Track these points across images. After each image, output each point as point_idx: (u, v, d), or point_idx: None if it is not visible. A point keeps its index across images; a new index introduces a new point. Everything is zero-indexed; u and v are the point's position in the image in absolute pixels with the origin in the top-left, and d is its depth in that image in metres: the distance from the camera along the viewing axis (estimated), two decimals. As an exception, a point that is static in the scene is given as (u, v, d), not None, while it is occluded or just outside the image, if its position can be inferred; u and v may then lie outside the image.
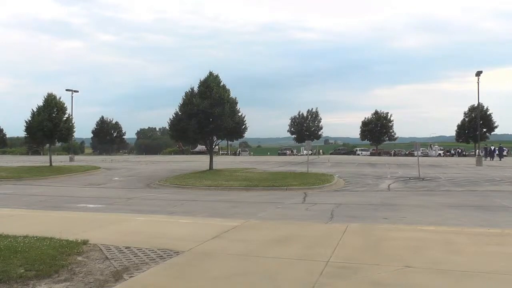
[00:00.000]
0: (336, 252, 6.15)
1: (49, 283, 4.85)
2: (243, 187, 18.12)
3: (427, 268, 5.38)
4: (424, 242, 6.86)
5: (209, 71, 28.36)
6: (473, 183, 19.51)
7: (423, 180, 21.08)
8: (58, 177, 24.99)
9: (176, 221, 9.40)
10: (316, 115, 79.10)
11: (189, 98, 27.54)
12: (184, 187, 18.84)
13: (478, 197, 14.44)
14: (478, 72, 41.95)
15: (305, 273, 5.18)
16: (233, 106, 27.90)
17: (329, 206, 12.36)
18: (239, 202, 13.82)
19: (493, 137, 75.35)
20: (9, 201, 14.19)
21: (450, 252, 6.15)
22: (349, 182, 20.64)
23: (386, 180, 21.45)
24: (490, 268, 5.40)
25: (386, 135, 75.53)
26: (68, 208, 12.20)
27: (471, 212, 11.15)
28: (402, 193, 16.29)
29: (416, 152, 29.16)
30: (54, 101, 31.98)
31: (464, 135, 67.57)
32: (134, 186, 20.00)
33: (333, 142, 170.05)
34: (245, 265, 5.57)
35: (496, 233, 7.73)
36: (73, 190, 18.27)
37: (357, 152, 75.67)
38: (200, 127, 26.58)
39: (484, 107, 63.69)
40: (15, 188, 19.06)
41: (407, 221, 9.71)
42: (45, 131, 30.90)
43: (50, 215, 10.17)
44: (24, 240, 6.70)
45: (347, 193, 16.34)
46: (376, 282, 4.83)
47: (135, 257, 5.94)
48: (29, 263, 5.40)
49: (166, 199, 14.95)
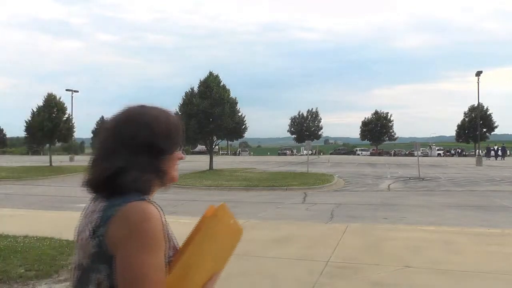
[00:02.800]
0: (336, 252, 6.14)
1: (49, 283, 4.85)
2: (243, 187, 18.12)
3: (427, 268, 5.38)
4: (424, 242, 6.86)
5: (209, 71, 28.41)
6: (473, 183, 19.51)
7: (423, 180, 21.08)
8: (58, 177, 24.98)
9: (176, 221, 9.38)
10: (316, 115, 79.12)
11: (189, 98, 27.55)
12: (184, 187, 18.83)
13: (478, 197, 14.44)
14: (478, 72, 41.97)
15: (305, 273, 5.18)
16: (233, 106, 27.91)
17: (329, 206, 12.36)
18: (239, 202, 13.81)
19: (493, 137, 75.32)
20: (9, 201, 14.18)
21: (450, 252, 6.15)
22: (349, 182, 20.64)
23: (386, 180, 21.45)
24: (490, 268, 5.40)
25: (386, 135, 75.53)
26: (68, 208, 12.19)
27: (471, 212, 11.14)
28: (402, 193, 16.29)
29: (416, 152, 29.15)
30: (54, 101, 31.99)
31: (464, 135, 67.54)
32: (134, 186, 19.97)
33: (333, 142, 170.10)
34: (245, 265, 5.57)
35: (496, 233, 7.73)
36: (73, 190, 18.24)
37: (357, 152, 75.65)
38: (200, 127, 26.58)
39: (484, 107, 63.67)
40: (15, 188, 19.04)
41: (407, 221, 9.71)
42: (45, 131, 30.91)
43: (50, 215, 10.17)
44: (24, 240, 6.69)
45: (347, 193, 16.34)
46: (376, 282, 4.82)
47: (135, 257, 5.94)
48: (29, 263, 5.40)
49: (166, 199, 14.92)
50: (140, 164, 1.16)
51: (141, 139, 1.17)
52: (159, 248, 1.10)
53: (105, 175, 1.14)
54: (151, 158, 1.17)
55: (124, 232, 1.08)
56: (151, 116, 1.21)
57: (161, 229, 1.12)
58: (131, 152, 1.15)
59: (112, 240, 1.09)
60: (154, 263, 1.08)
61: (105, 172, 1.14)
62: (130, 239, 1.07)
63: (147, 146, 1.17)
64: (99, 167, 1.17)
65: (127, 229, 1.08)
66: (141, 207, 1.10)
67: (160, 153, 1.19)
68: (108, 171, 1.14)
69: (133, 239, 1.07)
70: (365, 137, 76.35)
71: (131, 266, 1.06)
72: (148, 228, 1.09)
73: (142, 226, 1.08)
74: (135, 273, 1.06)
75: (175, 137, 1.23)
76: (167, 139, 1.20)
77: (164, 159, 1.20)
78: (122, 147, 1.16)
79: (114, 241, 1.09)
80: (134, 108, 1.25)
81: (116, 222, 1.09)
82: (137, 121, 1.19)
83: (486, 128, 64.04)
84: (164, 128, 1.20)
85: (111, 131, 1.20)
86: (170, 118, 1.25)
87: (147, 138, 1.17)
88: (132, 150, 1.16)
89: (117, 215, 1.10)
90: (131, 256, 1.07)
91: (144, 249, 1.07)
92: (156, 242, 1.09)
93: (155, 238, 1.09)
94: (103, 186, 1.15)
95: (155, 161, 1.18)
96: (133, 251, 1.07)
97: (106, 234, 1.10)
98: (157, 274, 1.08)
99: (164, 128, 1.20)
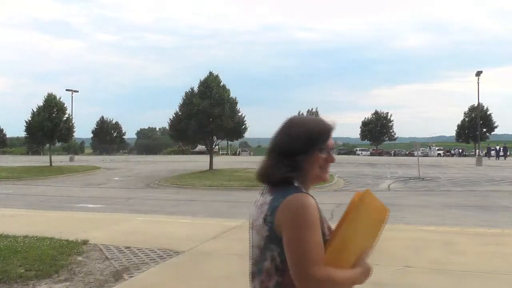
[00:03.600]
0: (336, 252, 6.14)
1: (49, 283, 4.85)
2: (243, 187, 18.11)
3: (427, 268, 5.38)
4: (424, 242, 6.86)
5: (209, 71, 28.38)
6: (473, 183, 19.51)
7: (423, 180, 21.09)
8: (58, 177, 24.98)
9: (176, 221, 9.40)
10: (316, 115, 78.81)
11: (189, 98, 27.54)
12: (184, 187, 18.84)
13: (478, 197, 14.44)
14: (478, 72, 41.97)
15: (305, 273, 5.18)
16: (233, 106, 27.90)
17: (329, 206, 12.35)
18: (239, 202, 13.81)
19: (493, 137, 75.30)
20: (9, 201, 14.18)
21: (450, 252, 6.15)
22: (349, 182, 20.65)
23: (386, 180, 21.46)
24: (490, 268, 5.40)
25: (386, 135, 75.49)
26: (68, 208, 12.20)
27: (471, 212, 11.15)
28: (402, 193, 16.30)
29: (416, 152, 29.16)
30: (54, 101, 31.96)
31: (464, 135, 67.53)
32: (134, 186, 20.00)
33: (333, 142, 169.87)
34: (245, 265, 5.55)
35: (496, 233, 7.73)
36: (73, 190, 18.27)
37: (357, 152, 75.59)
38: (200, 127, 26.57)
39: (484, 107, 63.66)
40: (15, 188, 19.05)
41: (407, 221, 9.71)
42: (45, 131, 30.88)
43: (50, 215, 10.17)
44: (24, 240, 6.69)
45: (347, 193, 16.34)
46: (376, 282, 4.82)
47: (135, 257, 5.94)
48: (29, 263, 5.40)
49: (166, 199, 14.95)
50: (289, 163, 1.49)
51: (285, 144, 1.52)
52: (316, 229, 1.40)
53: (270, 172, 1.53)
54: (296, 159, 1.49)
55: (287, 218, 1.40)
56: (293, 123, 1.56)
57: (316, 214, 1.42)
58: (283, 154, 1.51)
59: (279, 225, 1.42)
60: (313, 240, 1.38)
61: (271, 170, 1.53)
62: (292, 223, 1.39)
63: (294, 149, 1.50)
64: (268, 166, 1.56)
65: (289, 215, 1.40)
66: (299, 198, 1.42)
67: (298, 154, 1.49)
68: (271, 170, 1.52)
69: (294, 223, 1.39)
70: (365, 137, 76.31)
71: (294, 244, 1.38)
72: (306, 214, 1.39)
73: (300, 212, 1.39)
74: (297, 249, 1.37)
75: (314, 141, 1.51)
76: (304, 142, 1.49)
77: (305, 160, 1.50)
78: (279, 152, 1.53)
79: (281, 225, 1.41)
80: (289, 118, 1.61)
81: (281, 211, 1.42)
82: (284, 130, 1.56)
83: (486, 128, 64.04)
84: (302, 133, 1.50)
85: (273, 139, 1.58)
86: (310, 123, 1.55)
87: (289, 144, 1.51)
88: (285, 154, 1.50)
89: (281, 206, 1.42)
90: (293, 236, 1.39)
91: (303, 230, 1.38)
92: (313, 224, 1.39)
93: (312, 221, 1.39)
94: (271, 180, 1.54)
95: (299, 161, 1.49)
96: (295, 232, 1.38)
97: (274, 221, 1.43)
98: (315, 249, 1.38)
99: (302, 132, 1.51)
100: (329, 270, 1.38)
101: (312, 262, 1.36)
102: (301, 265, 1.37)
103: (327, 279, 1.37)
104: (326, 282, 1.37)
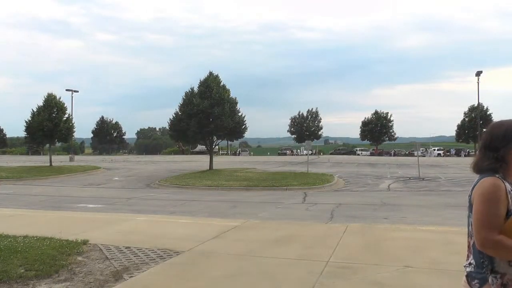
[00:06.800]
0: (336, 252, 6.14)
1: (49, 283, 4.85)
2: (243, 187, 18.12)
3: (427, 268, 5.38)
4: (424, 242, 6.85)
5: (209, 71, 28.43)
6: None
7: (423, 180, 21.09)
8: (58, 177, 24.98)
9: (176, 221, 9.40)
10: (316, 115, 79.08)
11: (189, 98, 27.55)
12: (184, 187, 18.84)
13: (478, 197, 14.43)
14: (478, 72, 42.04)
15: (305, 273, 5.18)
16: (233, 106, 27.91)
17: (329, 206, 12.36)
18: (239, 202, 13.81)
19: (493, 137, 75.12)
20: (9, 201, 14.18)
21: (450, 252, 6.14)
22: (349, 182, 20.64)
23: (386, 180, 21.46)
24: (490, 268, 5.39)
25: (386, 135, 75.52)
26: (68, 208, 12.20)
27: (471, 212, 11.13)
28: (402, 193, 16.30)
29: (416, 152, 29.15)
30: (54, 101, 31.98)
31: (464, 135, 67.55)
32: (134, 186, 19.99)
33: (333, 142, 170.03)
34: (245, 265, 5.57)
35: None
36: (73, 190, 18.27)
37: (357, 152, 75.62)
38: (200, 127, 26.58)
39: (484, 107, 63.66)
40: (15, 188, 19.05)
41: (407, 221, 9.71)
42: (45, 131, 30.90)
43: (50, 215, 10.16)
44: (24, 240, 6.69)
45: (347, 193, 16.35)
46: (376, 282, 4.82)
47: (135, 257, 5.94)
48: (29, 263, 5.39)
49: (166, 199, 14.94)
50: (492, 156, 1.96)
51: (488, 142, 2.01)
52: (496, 203, 1.85)
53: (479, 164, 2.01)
54: (498, 153, 1.95)
55: (476, 193, 1.92)
56: (494, 125, 2.06)
57: (499, 193, 1.86)
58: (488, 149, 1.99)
59: (473, 198, 1.94)
60: (491, 212, 1.84)
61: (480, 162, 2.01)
62: (478, 197, 1.90)
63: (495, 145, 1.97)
64: (478, 159, 2.03)
65: (478, 191, 1.92)
66: (489, 180, 1.90)
67: (499, 149, 1.95)
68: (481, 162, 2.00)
69: (480, 197, 1.89)
70: (365, 137, 76.33)
71: (477, 212, 1.88)
72: (490, 191, 1.87)
73: (486, 190, 1.88)
74: (478, 217, 1.87)
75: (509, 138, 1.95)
76: (501, 140, 1.96)
77: (505, 153, 1.94)
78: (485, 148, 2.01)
79: (474, 198, 1.93)
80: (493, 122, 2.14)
81: (476, 188, 1.94)
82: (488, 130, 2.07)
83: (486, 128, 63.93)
84: (500, 132, 1.98)
85: (482, 138, 2.08)
86: (506, 124, 2.00)
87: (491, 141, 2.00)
88: (487, 148, 2.00)
89: (477, 184, 1.94)
90: (477, 207, 1.88)
91: (485, 203, 1.86)
92: (494, 199, 1.85)
93: (494, 197, 1.85)
94: (480, 170, 2.00)
95: (501, 155, 1.94)
96: (479, 204, 1.88)
97: (472, 195, 1.96)
98: (492, 218, 1.84)
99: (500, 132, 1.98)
100: (502, 238, 1.81)
101: (488, 228, 1.82)
102: (479, 229, 1.84)
103: (498, 243, 1.80)
104: (497, 246, 1.81)
